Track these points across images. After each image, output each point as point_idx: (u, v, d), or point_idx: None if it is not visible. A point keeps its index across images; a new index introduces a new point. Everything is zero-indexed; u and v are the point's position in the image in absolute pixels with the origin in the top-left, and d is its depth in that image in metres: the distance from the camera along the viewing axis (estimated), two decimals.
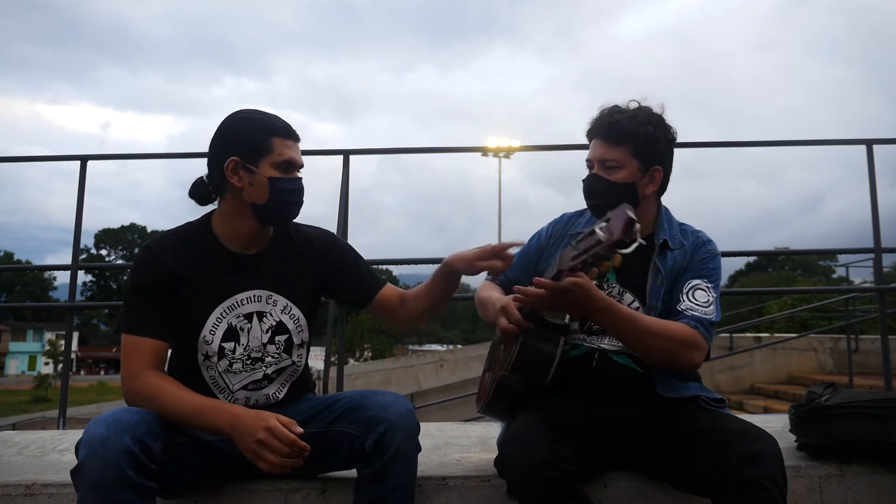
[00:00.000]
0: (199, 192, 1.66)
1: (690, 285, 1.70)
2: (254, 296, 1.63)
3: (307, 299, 1.71)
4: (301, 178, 1.64)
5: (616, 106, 1.78)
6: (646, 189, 1.75)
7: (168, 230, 1.66)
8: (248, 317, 1.63)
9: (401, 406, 1.54)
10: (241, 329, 1.62)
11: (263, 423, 1.38)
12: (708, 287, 1.70)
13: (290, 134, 1.62)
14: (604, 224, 1.39)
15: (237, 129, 1.60)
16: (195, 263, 1.58)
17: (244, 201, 1.59)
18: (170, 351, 1.62)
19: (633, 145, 1.72)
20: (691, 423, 1.59)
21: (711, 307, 1.66)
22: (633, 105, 1.77)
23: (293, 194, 1.62)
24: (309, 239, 1.76)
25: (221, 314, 1.60)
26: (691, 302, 1.66)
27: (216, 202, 1.66)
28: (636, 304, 1.73)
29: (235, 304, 1.62)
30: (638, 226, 1.34)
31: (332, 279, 1.76)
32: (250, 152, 1.57)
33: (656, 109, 1.78)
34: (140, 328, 1.53)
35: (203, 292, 1.59)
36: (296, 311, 1.68)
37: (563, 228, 1.89)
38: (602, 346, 1.72)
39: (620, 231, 1.34)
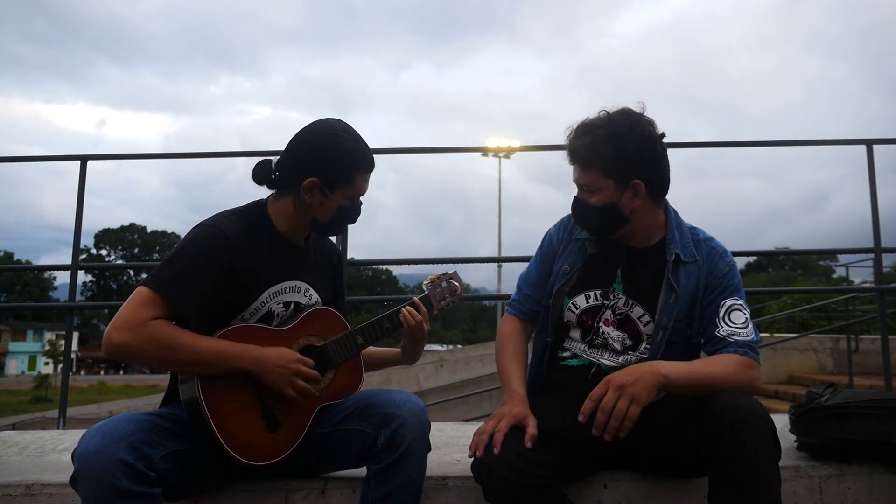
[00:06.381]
0: (264, 176, 1.65)
1: (725, 307, 1.63)
2: (295, 286, 1.67)
3: (325, 297, 1.75)
4: (361, 203, 1.70)
5: (583, 125, 1.67)
6: (631, 204, 1.66)
7: (224, 213, 1.63)
8: (287, 305, 1.65)
9: (413, 404, 1.57)
10: (277, 315, 1.64)
11: (293, 357, 1.55)
12: (742, 305, 1.64)
13: (371, 167, 1.67)
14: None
15: (329, 154, 1.60)
16: (255, 249, 1.59)
17: (307, 212, 1.65)
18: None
19: (601, 168, 1.64)
20: (675, 403, 1.57)
21: (749, 326, 1.62)
22: (603, 116, 1.66)
23: (351, 219, 1.71)
24: (323, 238, 1.84)
25: (267, 298, 1.62)
26: (730, 326, 1.61)
27: (273, 192, 1.67)
28: (647, 317, 1.69)
29: (280, 291, 1.64)
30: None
31: (333, 284, 1.82)
32: (331, 181, 1.61)
33: (636, 108, 1.66)
34: (170, 290, 1.44)
35: (257, 276, 1.60)
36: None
37: (569, 233, 1.84)
38: (602, 360, 1.70)
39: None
